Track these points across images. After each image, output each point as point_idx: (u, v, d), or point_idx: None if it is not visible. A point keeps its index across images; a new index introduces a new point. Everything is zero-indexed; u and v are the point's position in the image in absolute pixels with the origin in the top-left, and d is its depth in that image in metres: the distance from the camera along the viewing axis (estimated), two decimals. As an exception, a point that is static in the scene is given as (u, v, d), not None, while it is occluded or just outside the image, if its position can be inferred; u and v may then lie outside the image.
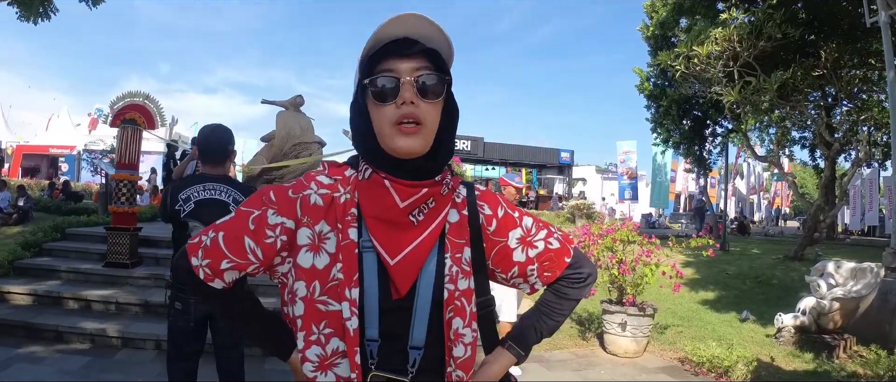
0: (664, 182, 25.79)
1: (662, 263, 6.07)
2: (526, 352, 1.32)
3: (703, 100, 12.50)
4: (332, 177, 1.19)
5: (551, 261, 1.30)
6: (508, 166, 33.96)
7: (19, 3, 11.30)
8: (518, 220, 1.29)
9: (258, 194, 1.20)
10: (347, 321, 1.08)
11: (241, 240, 1.15)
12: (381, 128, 1.11)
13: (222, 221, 1.20)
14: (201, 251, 1.17)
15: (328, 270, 1.12)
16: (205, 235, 1.19)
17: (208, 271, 1.17)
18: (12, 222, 10.64)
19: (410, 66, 1.11)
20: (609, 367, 5.71)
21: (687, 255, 11.13)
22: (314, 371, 1.11)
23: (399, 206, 1.12)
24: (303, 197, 1.15)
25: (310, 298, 1.11)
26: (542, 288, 1.35)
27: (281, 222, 1.14)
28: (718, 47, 8.43)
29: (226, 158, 3.19)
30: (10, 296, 6.33)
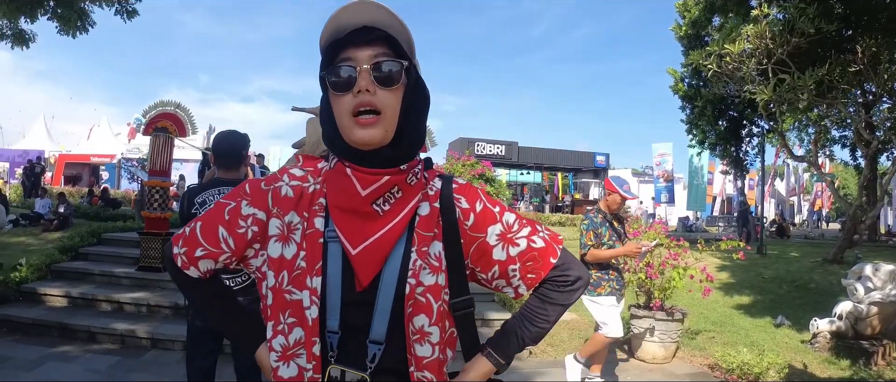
0: (701, 185, 25.28)
1: (692, 266, 5.93)
2: (506, 361, 1.22)
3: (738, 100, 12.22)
4: (304, 169, 1.20)
5: (535, 261, 1.21)
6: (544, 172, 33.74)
7: (59, 17, 11.71)
8: (498, 215, 1.22)
9: (238, 187, 1.22)
10: (307, 310, 1.08)
11: (216, 230, 1.18)
12: (340, 119, 1.10)
13: (202, 213, 1.25)
14: (181, 240, 1.21)
15: (295, 259, 1.12)
16: (187, 226, 1.23)
17: (185, 258, 1.20)
18: (53, 228, 11.00)
19: (368, 53, 1.09)
20: (636, 373, 5.60)
21: (722, 259, 10.87)
22: (277, 362, 1.11)
23: (361, 194, 1.10)
24: (274, 189, 1.17)
25: (278, 287, 1.12)
26: (526, 293, 1.25)
27: (252, 213, 1.16)
28: (751, 45, 8.23)
29: (240, 162, 3.28)
30: (47, 298, 6.57)
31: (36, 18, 11.83)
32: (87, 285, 6.89)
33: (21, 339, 5.69)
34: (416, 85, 1.16)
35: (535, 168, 32.92)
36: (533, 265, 1.22)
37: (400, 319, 1.11)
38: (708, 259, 10.11)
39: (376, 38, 1.10)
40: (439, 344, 1.13)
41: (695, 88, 14.49)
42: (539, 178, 33.45)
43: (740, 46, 8.32)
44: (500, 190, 13.63)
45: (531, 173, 33.35)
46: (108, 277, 7.07)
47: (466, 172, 12.83)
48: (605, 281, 4.75)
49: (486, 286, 1.27)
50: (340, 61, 1.10)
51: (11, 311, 6.20)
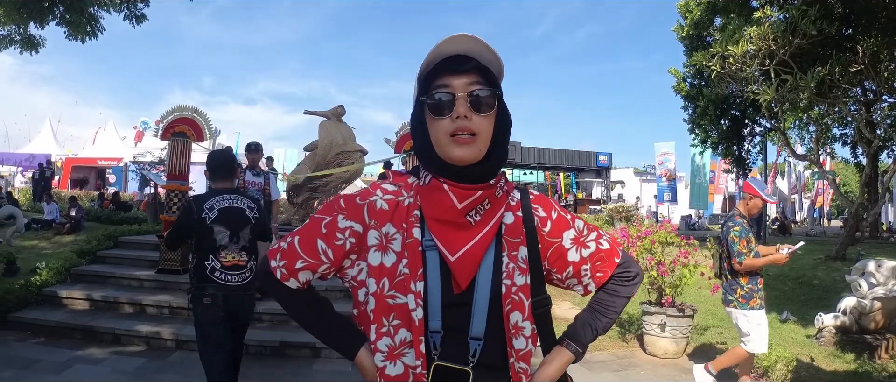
0: (703, 183, 25.37)
1: (700, 264, 6.09)
2: (583, 350, 1.37)
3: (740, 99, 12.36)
4: (396, 184, 1.31)
5: (603, 261, 1.38)
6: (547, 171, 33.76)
7: (68, 22, 11.81)
8: (571, 222, 1.38)
9: (330, 202, 1.33)
10: (413, 312, 1.18)
11: (314, 243, 1.27)
12: (438, 139, 1.22)
13: (299, 227, 1.33)
14: (279, 255, 1.30)
15: (395, 267, 1.22)
16: (283, 242, 1.32)
17: (284, 271, 1.30)
18: (65, 231, 11.10)
19: (464, 81, 1.21)
20: (649, 368, 5.75)
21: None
22: (384, 361, 1.20)
23: (457, 207, 1.21)
24: (369, 203, 1.27)
25: (380, 293, 1.21)
26: (594, 290, 1.41)
27: (350, 226, 1.26)
28: (753, 46, 8.36)
29: (233, 174, 3.82)
30: (69, 301, 6.69)
31: (46, 24, 11.93)
32: (109, 288, 7.01)
33: (46, 342, 5.81)
34: (504, 110, 1.29)
35: (538, 168, 33.01)
36: (601, 264, 1.39)
37: (495, 317, 1.23)
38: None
39: (472, 68, 1.22)
40: (530, 338, 1.27)
41: (697, 87, 14.60)
42: (542, 177, 33.56)
43: (743, 47, 8.45)
44: None
45: (534, 173, 33.44)
46: (129, 279, 7.19)
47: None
48: (756, 293, 4.61)
49: (559, 286, 1.43)
50: (438, 87, 1.22)
51: (35, 314, 6.32)
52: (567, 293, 8.43)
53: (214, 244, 3.48)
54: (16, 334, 6.01)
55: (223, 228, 3.50)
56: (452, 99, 1.21)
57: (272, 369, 5.31)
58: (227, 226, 3.51)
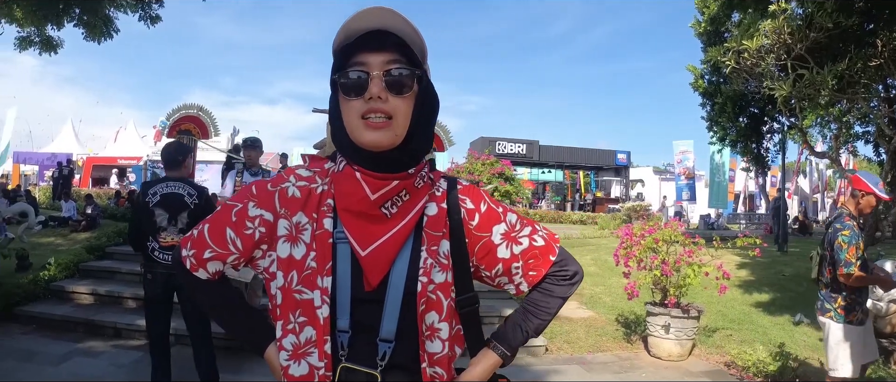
0: (723, 182, 24.97)
1: (706, 263, 5.93)
2: (512, 353, 1.28)
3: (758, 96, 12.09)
4: (310, 170, 1.22)
5: (536, 259, 1.28)
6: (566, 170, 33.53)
7: (84, 23, 12.01)
8: (502, 215, 1.28)
9: (244, 189, 1.25)
10: (318, 309, 1.11)
11: (223, 231, 1.20)
12: (349, 121, 1.12)
13: (210, 215, 1.26)
14: (190, 243, 1.24)
15: (304, 260, 1.14)
16: (195, 228, 1.26)
17: (193, 260, 1.23)
18: (81, 228, 11.27)
19: (381, 59, 1.11)
20: (651, 370, 5.63)
21: (743, 256, 10.78)
22: (288, 360, 1.13)
23: (370, 198, 1.12)
24: (281, 190, 1.19)
25: (287, 287, 1.14)
26: (527, 289, 1.32)
27: (260, 215, 1.19)
28: (769, 40, 8.14)
29: (180, 164, 4.17)
30: (75, 295, 6.78)
31: (62, 25, 12.15)
32: (114, 283, 7.09)
33: (50, 335, 5.88)
34: (427, 91, 1.18)
35: (557, 167, 32.89)
36: (534, 262, 1.28)
37: (409, 317, 1.14)
38: (727, 256, 10.04)
39: (390, 44, 1.12)
40: (448, 340, 1.18)
41: (715, 84, 14.33)
42: (561, 176, 33.43)
43: (758, 42, 8.24)
44: (520, 189, 13.62)
45: (552, 172, 33.32)
46: (134, 275, 7.23)
47: (486, 170, 12.87)
48: (859, 305, 4.02)
49: (489, 283, 1.34)
50: (353, 65, 1.12)
51: (41, 308, 6.42)
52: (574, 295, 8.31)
53: (154, 226, 3.87)
54: (20, 326, 6.12)
55: (163, 211, 3.87)
56: (367, 78, 1.10)
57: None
58: (166, 210, 3.87)
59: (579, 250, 12.35)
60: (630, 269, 6.11)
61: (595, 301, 8.03)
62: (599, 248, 12.35)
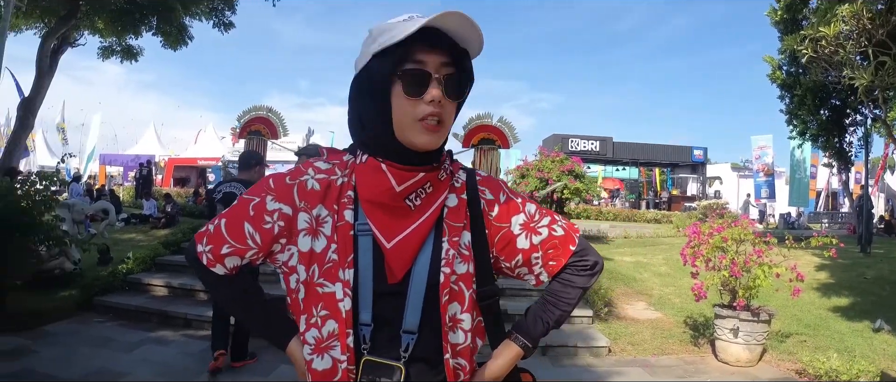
0: (804, 179, 23.68)
1: (778, 264, 5.64)
2: (533, 344, 1.26)
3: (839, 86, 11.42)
4: (329, 162, 1.20)
5: (556, 249, 1.26)
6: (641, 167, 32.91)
7: (161, 32, 12.68)
8: (521, 205, 1.27)
9: (261, 182, 1.22)
10: (340, 302, 1.09)
11: (241, 226, 1.17)
12: (402, 121, 1.10)
13: (226, 210, 1.23)
14: (205, 238, 1.21)
15: (325, 252, 1.13)
16: (210, 223, 1.22)
17: (210, 256, 1.20)
18: (161, 225, 11.87)
19: (438, 61, 1.10)
20: (716, 375, 5.40)
21: (823, 257, 10.22)
22: (311, 354, 1.13)
23: (395, 190, 1.12)
24: (300, 183, 1.17)
25: (309, 281, 1.13)
26: (547, 279, 1.30)
27: (278, 208, 1.16)
28: (847, 26, 7.67)
29: (250, 168, 4.74)
30: (150, 287, 7.18)
31: (140, 34, 12.90)
32: (187, 276, 7.39)
33: (125, 324, 6.25)
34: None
35: (631, 164, 32.25)
36: (554, 252, 1.26)
37: (431, 309, 1.14)
38: (806, 258, 9.54)
39: (444, 44, 1.10)
40: (470, 332, 1.18)
41: (793, 75, 13.61)
42: (636, 173, 32.76)
43: (836, 28, 7.76)
44: (591, 186, 13.39)
45: (627, 169, 32.70)
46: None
47: (556, 168, 12.72)
48: None
49: (508, 275, 1.31)
50: (414, 63, 1.09)
51: (118, 299, 6.82)
52: (642, 295, 8.10)
53: None
54: (98, 315, 6.55)
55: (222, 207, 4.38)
56: (428, 79, 1.09)
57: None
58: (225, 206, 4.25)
59: (651, 249, 12.03)
60: (698, 269, 5.90)
61: (664, 302, 7.80)
62: (672, 247, 11.98)
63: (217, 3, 12.77)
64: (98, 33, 13.40)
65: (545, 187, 12.59)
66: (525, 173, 13.41)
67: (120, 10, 11.93)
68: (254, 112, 8.05)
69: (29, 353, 5.13)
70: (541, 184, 12.69)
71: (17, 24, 12.43)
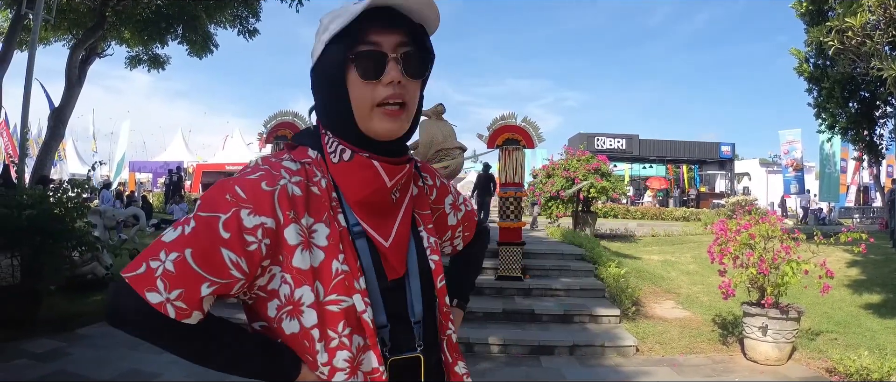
0: (834, 173, 23.25)
1: (806, 260, 5.55)
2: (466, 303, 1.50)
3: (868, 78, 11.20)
4: (297, 161, 1.06)
5: (469, 222, 1.45)
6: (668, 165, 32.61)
7: (187, 41, 12.89)
8: (449, 188, 1.38)
9: (216, 193, 0.97)
10: (363, 313, 1.01)
11: (217, 254, 0.92)
12: (361, 107, 1.04)
13: (176, 237, 0.93)
14: (163, 282, 0.90)
15: (328, 265, 1.01)
16: (153, 259, 0.91)
17: (182, 304, 0.91)
18: (189, 230, 12.08)
19: (394, 40, 1.03)
20: (745, 374, 5.33)
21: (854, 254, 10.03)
22: (347, 378, 1.01)
23: (387, 186, 1.07)
24: (280, 189, 0.98)
25: (319, 301, 1.00)
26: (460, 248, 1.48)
27: (260, 223, 0.95)
28: (874, 16, 7.53)
29: None
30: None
31: (166, 43, 13.12)
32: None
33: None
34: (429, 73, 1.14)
35: (658, 161, 31.98)
36: (468, 224, 1.45)
37: (428, 296, 1.16)
38: (836, 254, 9.37)
39: (400, 23, 1.04)
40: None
41: (821, 68, 13.36)
42: (664, 171, 32.49)
43: (863, 18, 7.63)
44: (617, 185, 13.34)
45: (654, 167, 32.44)
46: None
47: (582, 166, 12.71)
48: None
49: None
50: (368, 45, 1.02)
51: (150, 303, 6.91)
52: (670, 293, 8.04)
53: None
54: (130, 319, 6.61)
55: None
56: (384, 60, 1.02)
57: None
58: None
59: (679, 248, 11.91)
60: (725, 267, 5.84)
61: (692, 301, 7.72)
62: (700, 245, 11.86)
63: (241, 11, 12.91)
64: (125, 43, 13.68)
65: (572, 185, 12.56)
66: (551, 173, 13.38)
67: (146, 20, 12.15)
68: (280, 118, 8.16)
69: (64, 356, 5.26)
70: (567, 183, 12.66)
71: (45, 37, 12.74)
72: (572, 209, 13.19)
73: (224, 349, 1.00)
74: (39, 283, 6.13)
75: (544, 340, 5.87)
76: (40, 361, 5.08)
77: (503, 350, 5.73)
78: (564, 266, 8.06)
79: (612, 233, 14.35)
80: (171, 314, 0.90)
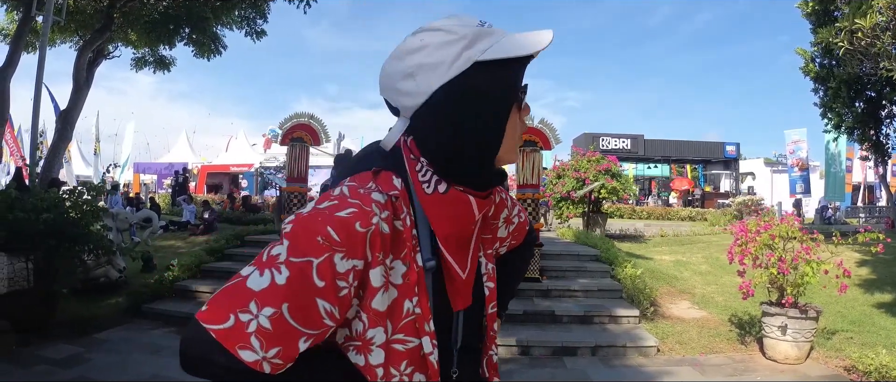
0: (839, 173, 23.27)
1: (825, 260, 5.58)
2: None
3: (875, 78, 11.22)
4: (385, 193, 0.95)
5: (519, 232, 1.33)
6: (672, 165, 32.65)
7: (194, 42, 12.86)
8: (507, 201, 1.26)
9: (304, 232, 0.86)
10: (430, 356, 0.98)
11: (313, 305, 0.85)
12: (512, 139, 1.03)
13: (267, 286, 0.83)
14: (258, 340, 0.81)
15: (400, 304, 0.96)
16: (242, 312, 0.81)
17: (279, 360, 0.83)
18: (199, 232, 12.08)
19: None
20: (766, 373, 5.36)
21: (863, 253, 10.03)
22: None
23: (476, 220, 1.04)
24: (373, 230, 0.90)
25: (387, 342, 0.95)
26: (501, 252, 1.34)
27: (352, 267, 0.88)
28: (884, 17, 7.55)
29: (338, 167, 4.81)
30: (198, 294, 7.31)
31: (173, 45, 13.12)
32: (232, 283, 7.54)
33: (175, 331, 6.33)
34: None
35: (663, 161, 32.03)
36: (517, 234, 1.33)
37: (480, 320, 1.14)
38: (846, 253, 9.37)
39: None
40: None
41: (827, 67, 13.38)
42: (667, 171, 32.51)
43: (873, 20, 7.65)
44: (627, 185, 13.36)
45: (658, 167, 32.45)
46: (251, 276, 7.71)
47: (592, 167, 12.72)
48: None
49: None
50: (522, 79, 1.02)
51: (167, 306, 6.94)
52: (684, 294, 8.05)
53: None
54: (149, 323, 6.64)
55: None
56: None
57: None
58: None
59: (689, 248, 11.92)
60: (745, 267, 5.86)
61: (707, 301, 7.75)
62: (710, 245, 11.88)
63: (249, 12, 12.92)
64: (131, 45, 13.69)
65: (582, 186, 12.56)
66: (561, 174, 13.38)
67: (153, 22, 12.16)
68: (296, 119, 8.18)
69: (84, 361, 5.25)
70: (578, 184, 12.67)
71: (52, 39, 12.74)
72: (583, 210, 13.21)
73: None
74: (54, 286, 6.13)
75: (567, 341, 5.89)
76: (60, 367, 5.08)
77: (526, 351, 5.75)
78: (581, 267, 8.09)
79: (622, 233, 14.35)
80: (267, 370, 0.83)
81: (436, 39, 0.96)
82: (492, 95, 0.97)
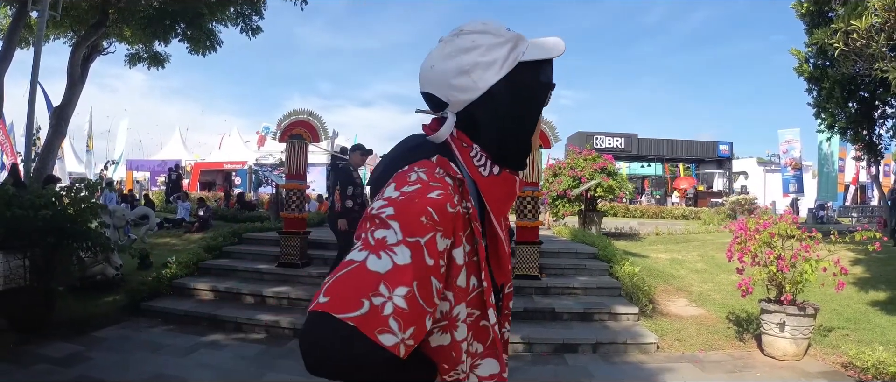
0: (832, 172, 23.44)
1: (824, 258, 5.64)
2: None
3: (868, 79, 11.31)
4: (451, 176, 1.02)
5: None
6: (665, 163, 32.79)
7: (189, 38, 12.79)
8: None
9: (409, 213, 0.90)
10: (495, 326, 1.05)
11: (430, 283, 0.88)
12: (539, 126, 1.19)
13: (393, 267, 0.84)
14: (396, 321, 0.81)
15: (468, 281, 1.01)
16: (375, 295, 0.81)
17: (412, 342, 0.84)
18: (194, 230, 12.04)
19: None
20: (766, 370, 5.41)
21: (857, 252, 10.13)
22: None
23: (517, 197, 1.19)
24: (458, 211, 0.97)
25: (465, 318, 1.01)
26: None
27: (447, 246, 0.94)
28: (879, 19, 7.62)
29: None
30: (196, 292, 7.26)
31: (169, 41, 13.03)
32: (232, 280, 7.53)
33: (175, 329, 6.31)
34: None
35: (656, 160, 32.19)
36: None
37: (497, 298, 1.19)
38: (841, 252, 9.46)
39: None
40: None
41: (821, 68, 13.47)
42: (661, 170, 32.66)
43: (867, 21, 7.71)
44: (622, 184, 13.42)
45: (652, 165, 32.62)
46: (252, 273, 7.70)
47: (588, 166, 12.77)
48: None
49: None
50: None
51: (165, 304, 6.89)
52: (681, 291, 8.10)
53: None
54: (147, 320, 6.59)
55: None
56: None
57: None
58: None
59: (684, 246, 12.00)
60: (744, 265, 5.91)
61: (704, 299, 7.80)
62: (705, 244, 11.95)
63: (244, 9, 12.86)
64: (125, 41, 13.59)
65: (578, 184, 12.61)
66: (557, 172, 13.42)
67: (149, 17, 12.08)
68: (294, 116, 8.14)
69: (85, 360, 5.20)
70: (574, 183, 12.70)
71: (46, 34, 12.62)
72: (579, 208, 13.26)
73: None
74: (51, 284, 6.09)
75: (568, 338, 5.91)
76: (61, 366, 5.03)
77: (528, 348, 5.77)
78: (580, 265, 8.11)
79: (618, 232, 14.42)
80: (402, 352, 0.81)
81: (486, 41, 1.08)
82: (536, 89, 1.13)
